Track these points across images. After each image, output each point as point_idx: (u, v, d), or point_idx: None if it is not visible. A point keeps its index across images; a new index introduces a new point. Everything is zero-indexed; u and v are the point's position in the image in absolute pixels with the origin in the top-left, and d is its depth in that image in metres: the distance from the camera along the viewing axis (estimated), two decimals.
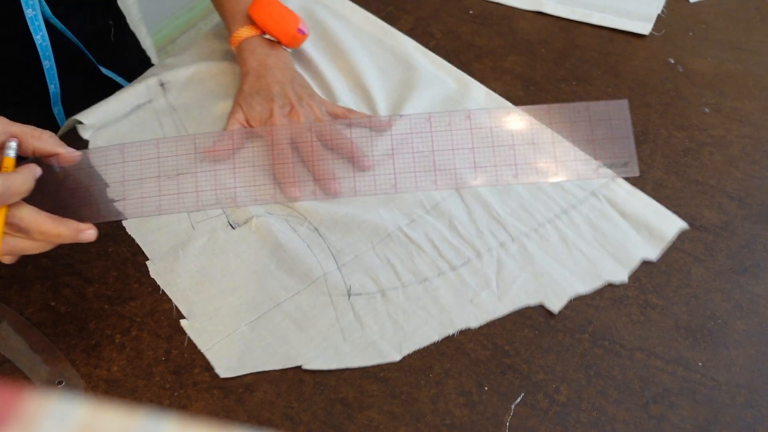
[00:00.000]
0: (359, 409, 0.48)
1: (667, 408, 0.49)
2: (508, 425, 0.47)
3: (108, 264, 0.57)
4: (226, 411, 0.48)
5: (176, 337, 0.52)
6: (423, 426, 0.47)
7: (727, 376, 0.51)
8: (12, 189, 0.42)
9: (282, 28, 0.69)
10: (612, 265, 0.57)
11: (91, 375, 0.49)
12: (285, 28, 0.69)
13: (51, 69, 0.71)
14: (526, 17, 0.89)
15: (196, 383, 0.49)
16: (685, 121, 0.74)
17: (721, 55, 0.83)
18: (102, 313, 0.53)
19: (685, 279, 0.57)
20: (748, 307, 0.56)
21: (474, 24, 0.86)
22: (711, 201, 0.65)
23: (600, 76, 0.79)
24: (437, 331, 0.53)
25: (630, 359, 0.52)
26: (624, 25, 0.87)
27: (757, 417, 0.48)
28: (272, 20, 0.69)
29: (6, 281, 0.55)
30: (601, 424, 0.48)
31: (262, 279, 0.55)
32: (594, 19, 0.88)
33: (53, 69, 0.71)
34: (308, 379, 0.50)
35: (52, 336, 0.52)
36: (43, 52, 0.69)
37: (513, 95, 0.76)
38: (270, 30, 0.69)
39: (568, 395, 0.49)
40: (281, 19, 0.69)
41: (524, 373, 0.50)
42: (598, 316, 0.54)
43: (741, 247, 0.60)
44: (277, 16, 0.69)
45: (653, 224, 0.60)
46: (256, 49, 0.69)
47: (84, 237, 0.45)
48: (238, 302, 0.53)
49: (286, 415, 0.48)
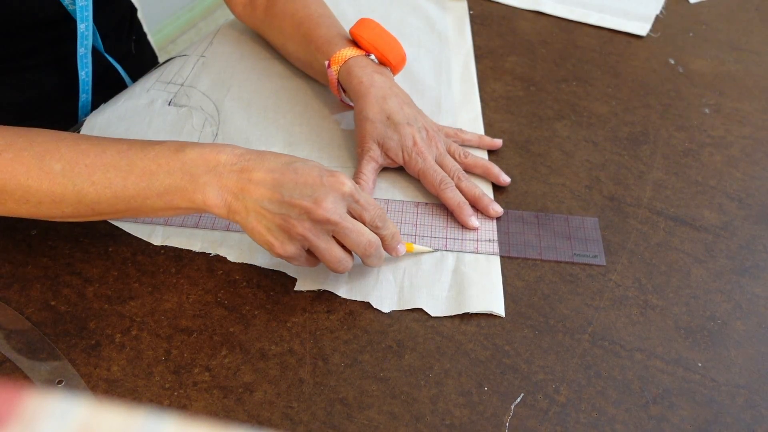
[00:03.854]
0: (359, 409, 0.48)
1: (667, 408, 0.49)
2: (507, 425, 0.47)
3: (108, 264, 0.57)
4: (226, 411, 0.48)
5: (176, 337, 0.52)
6: (423, 426, 0.47)
7: (727, 376, 0.51)
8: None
9: (392, 48, 0.66)
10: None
11: (91, 375, 0.49)
12: (395, 49, 0.67)
13: (86, 102, 0.71)
14: (526, 17, 0.89)
15: (196, 383, 0.49)
16: (685, 122, 0.74)
17: (721, 56, 0.83)
18: (102, 312, 0.53)
19: (685, 279, 0.57)
20: (748, 307, 0.56)
21: (474, 24, 0.87)
22: (711, 201, 0.65)
23: (600, 76, 0.79)
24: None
25: (630, 360, 0.52)
26: (622, 25, 0.87)
27: (757, 417, 0.48)
28: (382, 40, 0.66)
29: (6, 281, 0.55)
30: (601, 424, 0.48)
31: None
32: (592, 20, 0.88)
33: (88, 102, 0.72)
34: (308, 379, 0.50)
35: (52, 336, 0.52)
36: (83, 87, 0.70)
37: (513, 95, 0.76)
38: (380, 50, 0.66)
39: (567, 395, 0.49)
40: (390, 39, 0.66)
41: (524, 373, 0.51)
42: (598, 316, 0.54)
43: (741, 247, 0.60)
44: (385, 37, 0.66)
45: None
46: (366, 66, 0.65)
47: (400, 249, 0.55)
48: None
49: (285, 415, 0.48)
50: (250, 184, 0.48)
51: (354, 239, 0.50)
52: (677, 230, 0.62)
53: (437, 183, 0.60)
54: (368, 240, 0.51)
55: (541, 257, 0.58)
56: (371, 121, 0.62)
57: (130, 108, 0.70)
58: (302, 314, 0.54)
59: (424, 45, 0.82)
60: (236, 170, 0.49)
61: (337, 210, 0.49)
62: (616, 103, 0.76)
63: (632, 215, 0.63)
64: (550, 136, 0.71)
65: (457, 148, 0.65)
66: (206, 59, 0.77)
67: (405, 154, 0.62)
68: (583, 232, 0.61)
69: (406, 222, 0.61)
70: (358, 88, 0.64)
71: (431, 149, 0.63)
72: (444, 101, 0.74)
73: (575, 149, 0.69)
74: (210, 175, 0.49)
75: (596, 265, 0.58)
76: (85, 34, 0.65)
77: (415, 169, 0.62)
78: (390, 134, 0.62)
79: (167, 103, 0.71)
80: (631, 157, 0.69)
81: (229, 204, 0.49)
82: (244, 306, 0.54)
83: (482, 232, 0.60)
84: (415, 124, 0.63)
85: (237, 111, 0.71)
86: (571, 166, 0.68)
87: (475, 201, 0.61)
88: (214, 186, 0.49)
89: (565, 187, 0.65)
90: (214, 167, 0.49)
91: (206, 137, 0.67)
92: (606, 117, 0.74)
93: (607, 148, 0.70)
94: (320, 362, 0.51)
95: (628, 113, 0.74)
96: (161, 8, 1.99)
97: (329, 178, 0.49)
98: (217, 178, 0.49)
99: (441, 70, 0.78)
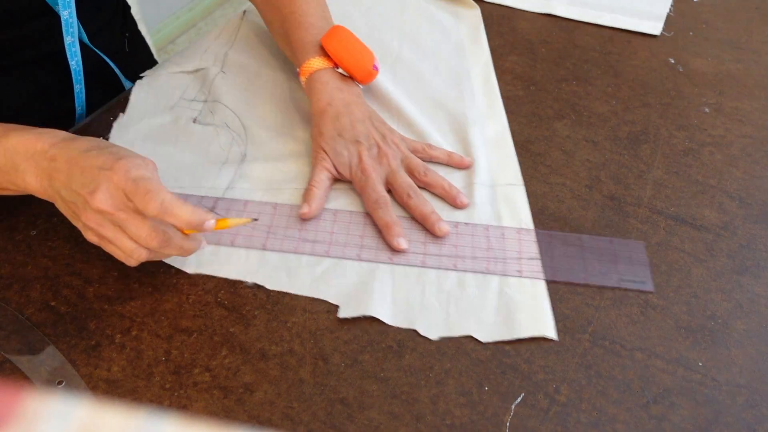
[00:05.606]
0: (359, 409, 0.48)
1: (668, 408, 0.49)
2: (508, 425, 0.47)
3: (108, 264, 0.57)
4: (226, 411, 0.48)
5: (176, 337, 0.52)
6: (423, 426, 0.47)
7: (728, 376, 0.51)
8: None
9: (357, 62, 0.65)
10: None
11: (91, 375, 0.49)
12: (360, 62, 0.65)
13: (81, 92, 0.71)
14: (526, 17, 0.89)
15: (196, 383, 0.49)
16: (686, 121, 0.74)
17: (721, 55, 0.83)
18: (102, 313, 0.53)
19: (685, 279, 0.57)
20: (748, 307, 0.56)
21: None
22: (711, 201, 0.65)
23: (600, 76, 0.79)
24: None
25: (630, 359, 0.52)
26: (635, 25, 0.86)
27: (757, 417, 0.48)
28: (347, 53, 0.65)
29: (6, 281, 0.55)
30: (602, 424, 0.48)
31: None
32: (605, 20, 0.87)
33: (83, 92, 0.72)
34: (308, 380, 0.50)
35: (52, 336, 0.52)
36: (76, 77, 0.70)
37: (513, 95, 0.76)
38: (344, 63, 0.65)
39: (568, 395, 0.49)
40: (356, 52, 0.65)
41: (524, 373, 0.50)
42: (598, 316, 0.54)
43: (741, 246, 0.60)
44: (352, 50, 0.65)
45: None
46: (328, 82, 0.65)
47: (208, 226, 0.50)
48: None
49: (286, 415, 0.48)
50: (55, 172, 0.50)
51: (134, 232, 0.49)
52: (677, 230, 0.62)
53: (372, 202, 0.60)
54: (147, 233, 0.48)
55: (586, 282, 0.56)
56: (324, 136, 0.63)
57: (155, 127, 0.68)
58: (302, 314, 0.54)
59: (442, 56, 0.79)
60: (47, 158, 0.50)
61: (112, 200, 0.47)
62: (616, 102, 0.76)
63: (632, 215, 0.63)
64: (550, 136, 0.71)
65: (418, 165, 0.63)
66: (225, 74, 0.75)
67: (351, 170, 0.62)
68: (629, 256, 0.59)
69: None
70: (316, 105, 0.64)
71: (381, 166, 0.62)
72: (470, 113, 0.72)
73: (575, 149, 0.69)
74: (28, 162, 0.51)
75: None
76: (70, 22, 0.65)
77: (358, 186, 0.61)
78: (339, 149, 0.62)
79: (192, 121, 0.69)
80: (632, 156, 0.69)
81: (47, 190, 0.51)
82: (245, 306, 0.54)
83: (524, 252, 0.58)
84: (366, 142, 0.62)
85: (264, 130, 0.69)
86: (571, 165, 0.68)
87: (422, 219, 0.59)
88: (32, 173, 0.51)
89: (565, 186, 0.65)
90: (32, 155, 0.51)
91: (234, 158, 0.65)
92: (606, 116, 0.74)
93: (607, 148, 0.70)
94: (320, 362, 0.51)
95: (628, 113, 0.74)
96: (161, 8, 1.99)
97: (106, 170, 0.48)
98: (34, 165, 0.50)
99: (461, 81, 0.76)
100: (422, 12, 0.86)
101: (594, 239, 0.60)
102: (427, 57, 0.79)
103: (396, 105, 0.71)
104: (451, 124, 0.71)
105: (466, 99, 0.74)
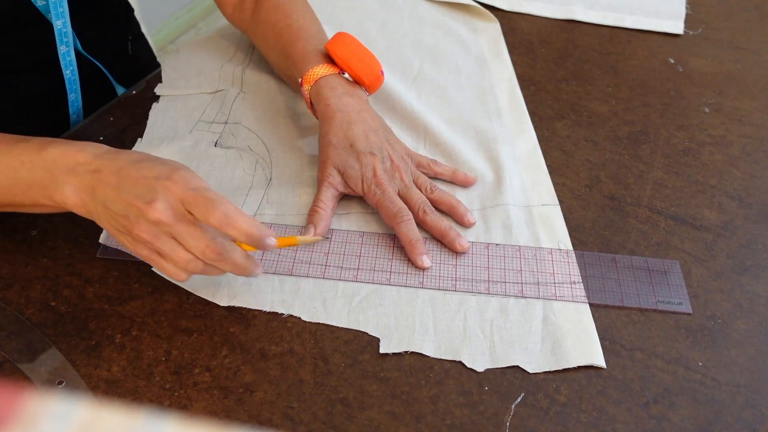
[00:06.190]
0: (359, 409, 0.48)
1: (668, 408, 0.49)
2: (508, 425, 0.47)
3: (108, 264, 0.57)
4: (226, 411, 0.48)
5: (176, 337, 0.52)
6: (423, 426, 0.47)
7: (728, 375, 0.51)
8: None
9: (366, 66, 0.63)
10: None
11: (91, 375, 0.49)
12: (369, 66, 0.63)
13: (76, 101, 0.71)
14: (526, 17, 0.89)
15: (197, 383, 0.49)
16: (685, 121, 0.74)
17: (721, 55, 0.83)
18: (102, 313, 0.53)
19: (685, 279, 0.57)
20: (748, 306, 0.56)
21: None
22: (711, 201, 0.65)
23: (600, 75, 0.79)
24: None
25: (630, 359, 0.52)
26: (657, 25, 0.86)
27: (757, 417, 0.48)
28: (356, 57, 0.63)
29: (6, 281, 0.55)
30: (602, 424, 0.48)
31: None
32: (627, 23, 0.87)
33: (78, 101, 0.71)
34: (309, 380, 0.50)
35: (52, 336, 0.52)
36: (71, 86, 0.69)
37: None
38: (353, 68, 0.63)
39: (568, 395, 0.49)
40: (365, 57, 0.63)
41: (524, 372, 0.50)
42: (599, 315, 0.54)
43: (741, 246, 0.60)
44: (360, 54, 0.63)
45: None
46: (336, 87, 0.62)
47: (269, 242, 0.48)
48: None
49: (286, 415, 0.48)
50: (100, 184, 0.48)
51: (191, 244, 0.47)
52: (677, 229, 0.62)
53: (392, 215, 0.58)
54: (206, 244, 0.47)
55: (622, 304, 0.55)
56: (334, 147, 0.60)
57: (175, 150, 0.66)
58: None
59: (464, 71, 0.78)
60: (91, 170, 0.49)
61: (171, 211, 0.46)
62: (616, 102, 0.76)
63: (632, 214, 0.63)
64: (550, 136, 0.71)
65: (425, 181, 0.62)
66: (245, 94, 0.73)
67: (364, 184, 0.59)
68: (665, 276, 0.57)
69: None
70: (324, 110, 0.61)
71: (394, 181, 0.60)
72: (498, 131, 0.70)
73: (575, 149, 0.69)
74: (68, 175, 0.49)
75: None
76: (64, 32, 0.64)
77: (374, 200, 0.59)
78: (351, 163, 0.59)
79: (213, 144, 0.67)
80: (631, 156, 0.69)
81: (87, 204, 0.49)
82: (244, 306, 0.54)
83: (564, 275, 0.57)
84: (379, 154, 0.60)
85: (289, 152, 0.67)
86: (571, 165, 0.68)
87: (441, 236, 0.58)
88: (72, 186, 0.49)
89: (565, 186, 0.65)
90: (72, 167, 0.49)
91: (260, 182, 0.64)
92: (606, 116, 0.74)
93: (607, 148, 0.70)
94: (321, 362, 0.51)
95: (628, 112, 0.74)
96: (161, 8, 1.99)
97: (164, 180, 0.47)
98: (75, 178, 0.49)
99: (486, 97, 0.74)
100: (440, 25, 0.85)
101: (628, 259, 0.58)
102: (449, 72, 0.78)
103: (423, 123, 0.70)
104: (480, 142, 0.69)
105: (493, 116, 0.72)
